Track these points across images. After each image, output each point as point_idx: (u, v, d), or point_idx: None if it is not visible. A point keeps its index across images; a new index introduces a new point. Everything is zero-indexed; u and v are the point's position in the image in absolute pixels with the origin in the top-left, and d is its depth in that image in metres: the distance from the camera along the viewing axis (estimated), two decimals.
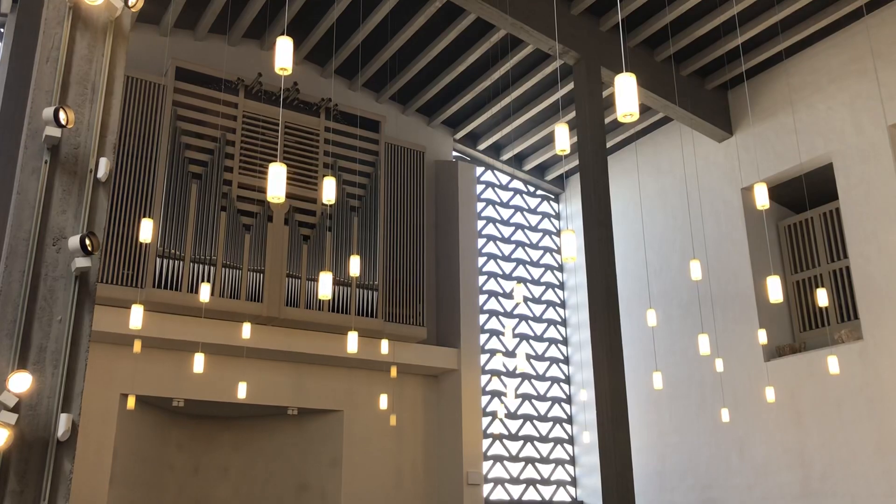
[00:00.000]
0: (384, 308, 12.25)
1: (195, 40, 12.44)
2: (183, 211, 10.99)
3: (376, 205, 12.57)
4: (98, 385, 10.13)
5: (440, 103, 14.37)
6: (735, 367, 12.78)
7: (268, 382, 11.67)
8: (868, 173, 11.66)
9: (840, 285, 12.68)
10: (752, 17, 11.85)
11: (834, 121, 12.18)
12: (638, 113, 4.52)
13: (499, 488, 14.27)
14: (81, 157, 4.37)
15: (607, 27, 11.94)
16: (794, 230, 13.45)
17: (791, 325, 13.14)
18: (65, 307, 4.13)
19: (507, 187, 16.12)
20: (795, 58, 12.74)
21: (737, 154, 13.40)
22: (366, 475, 12.17)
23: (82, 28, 4.56)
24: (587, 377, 14.78)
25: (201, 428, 12.22)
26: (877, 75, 11.43)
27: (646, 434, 13.95)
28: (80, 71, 4.51)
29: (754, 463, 12.38)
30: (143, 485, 11.18)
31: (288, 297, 11.45)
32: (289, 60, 5.26)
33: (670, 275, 14.15)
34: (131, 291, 10.31)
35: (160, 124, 11.11)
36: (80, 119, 4.42)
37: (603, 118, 11.44)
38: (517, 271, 15.73)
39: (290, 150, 12.09)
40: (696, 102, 13.12)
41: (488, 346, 14.76)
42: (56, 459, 3.91)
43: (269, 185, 5.53)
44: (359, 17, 11.94)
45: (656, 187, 14.72)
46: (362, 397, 12.38)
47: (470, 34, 12.46)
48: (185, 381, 11.00)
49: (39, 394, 3.95)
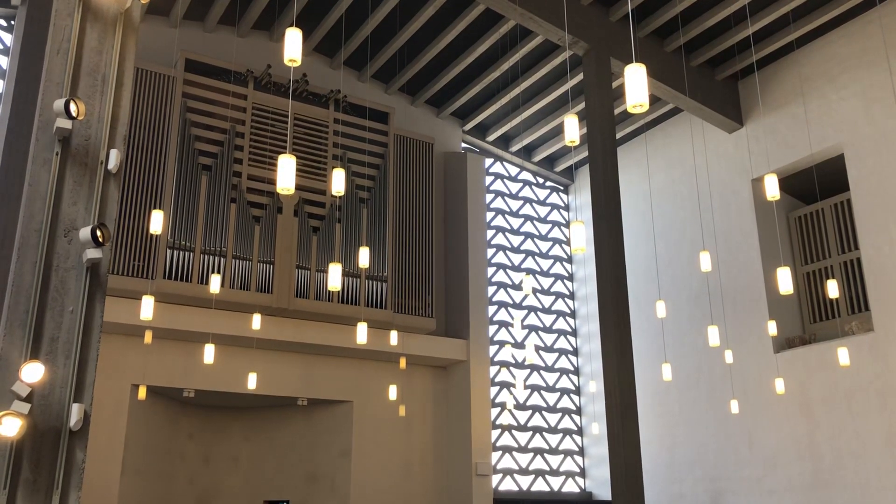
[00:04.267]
0: (393, 299, 12.27)
1: (205, 32, 12.45)
2: (193, 202, 11.03)
3: (385, 196, 12.58)
4: (109, 376, 10.20)
5: (449, 94, 14.34)
6: (744, 359, 12.74)
7: (278, 373, 11.72)
8: (880, 164, 11.58)
9: (851, 277, 12.61)
10: (763, 7, 11.76)
11: (845, 111, 12.09)
12: (648, 103, 4.50)
13: (507, 479, 14.30)
14: (92, 149, 4.39)
15: (617, 17, 11.87)
16: (804, 221, 13.38)
17: (801, 316, 13.09)
18: (76, 298, 4.16)
19: (517, 178, 16.09)
20: (806, 48, 12.65)
21: (747, 145, 13.32)
22: (375, 465, 12.22)
23: (92, 20, 4.57)
24: (596, 368, 14.77)
25: (212, 418, 12.30)
26: (889, 65, 11.34)
27: (655, 425, 13.94)
28: (91, 63, 4.52)
29: (763, 454, 12.36)
30: (154, 474, 11.27)
31: (297, 289, 11.49)
32: (298, 52, 5.26)
33: (680, 266, 14.10)
34: (142, 283, 10.36)
35: (170, 116, 11.14)
36: (91, 111, 4.43)
37: (612, 109, 11.40)
38: (526, 263, 15.71)
39: (300, 141, 12.10)
40: (707, 93, 13.05)
41: (497, 338, 14.76)
42: (68, 449, 3.95)
43: (278, 177, 5.53)
44: (367, 9, 11.92)
45: (666, 178, 14.66)
46: (372, 388, 12.42)
47: (479, 25, 12.42)
48: (195, 372, 11.06)
49: (52, 384, 3.99)
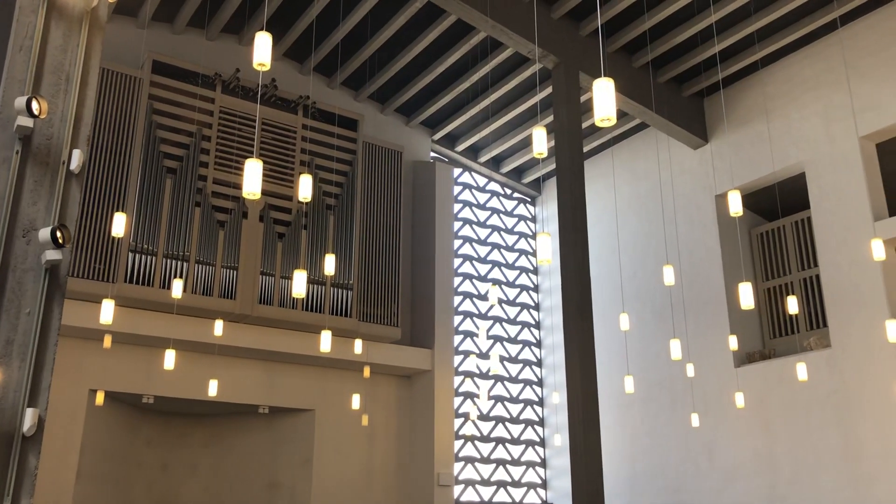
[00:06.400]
0: (358, 307, 12.22)
1: (173, 34, 12.32)
2: (157, 206, 10.88)
3: (353, 204, 12.53)
4: (66, 380, 10.00)
5: (419, 103, 14.36)
6: (706, 373, 12.90)
7: (239, 380, 11.59)
8: (839, 183, 11.83)
9: (810, 293, 12.84)
10: (730, 26, 11.97)
11: (807, 130, 12.34)
12: (615, 118, 4.55)
13: (469, 490, 14.28)
14: (54, 149, 4.31)
15: (586, 32, 12.01)
16: (766, 238, 13.61)
17: (761, 331, 13.29)
18: (34, 300, 4.07)
19: (484, 189, 16.15)
20: (771, 67, 12.90)
21: (711, 161, 13.53)
22: (336, 475, 12.12)
23: (57, 17, 4.49)
24: (560, 380, 14.85)
25: (171, 425, 12.11)
26: (849, 87, 11.61)
27: (617, 437, 14.03)
28: (54, 61, 4.44)
29: (723, 467, 12.50)
30: (110, 481, 11.05)
31: (261, 295, 11.38)
32: (267, 56, 5.22)
33: (644, 279, 14.25)
34: (102, 286, 10.19)
35: (135, 117, 10.99)
36: (54, 109, 4.35)
37: (580, 122, 11.51)
38: (492, 273, 15.76)
39: (267, 146, 12.02)
40: (673, 109, 13.24)
41: (462, 348, 14.77)
42: (21, 455, 3.85)
43: (244, 181, 5.47)
44: (339, 15, 11.91)
45: (632, 192, 14.82)
46: (334, 397, 12.33)
47: (450, 35, 12.47)
48: (155, 378, 10.89)
49: (5, 387, 3.89)
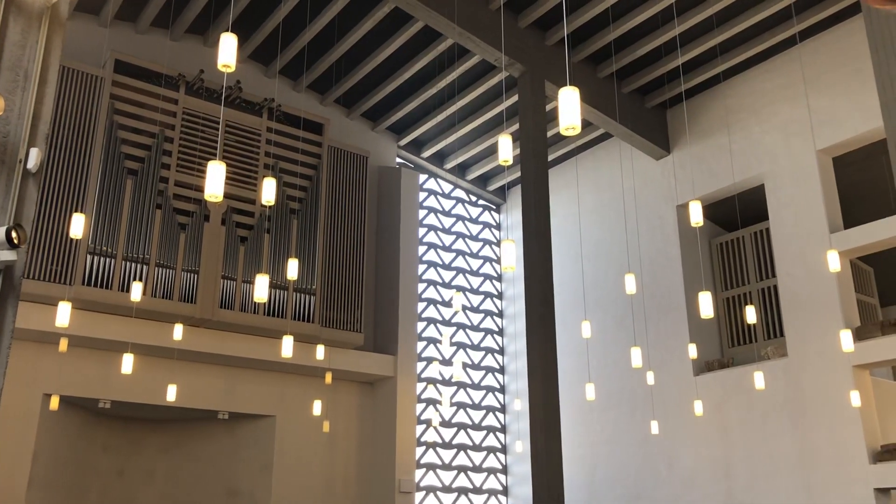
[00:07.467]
0: (321, 313, 12.13)
1: (136, 33, 12.16)
2: (116, 207, 10.71)
3: (317, 208, 12.46)
4: (20, 384, 9.76)
5: (385, 109, 14.34)
6: (666, 381, 13.04)
7: (199, 385, 11.43)
8: (797, 196, 12.07)
9: (768, 303, 13.07)
10: (693, 39, 12.17)
11: (767, 143, 12.58)
12: (580, 127, 4.58)
13: (430, 497, 14.24)
14: (11, 146, 4.23)
15: (552, 42, 12.11)
16: (726, 248, 13.82)
17: (720, 340, 13.49)
18: None
19: (450, 196, 16.17)
20: (732, 80, 13.13)
21: (673, 172, 13.72)
22: (297, 481, 12.01)
23: (16, 12, 4.41)
24: (522, 387, 14.89)
25: (128, 430, 11.89)
26: (808, 101, 11.86)
27: (577, 444, 14.11)
28: (12, 57, 4.36)
29: (682, 474, 12.64)
30: (64, 488, 10.81)
31: (222, 299, 11.25)
32: (232, 58, 5.18)
33: (606, 287, 14.38)
34: (59, 288, 9.99)
35: (96, 117, 10.82)
36: (11, 106, 4.27)
37: (545, 131, 11.60)
38: (457, 280, 15.77)
39: (231, 149, 11.90)
40: (636, 120, 13.40)
41: (425, 354, 14.74)
42: None
43: (206, 184, 5.40)
44: (306, 18, 11.85)
45: (595, 201, 14.96)
46: (295, 403, 12.23)
47: (417, 41, 12.48)
48: (112, 382, 10.69)
49: None
